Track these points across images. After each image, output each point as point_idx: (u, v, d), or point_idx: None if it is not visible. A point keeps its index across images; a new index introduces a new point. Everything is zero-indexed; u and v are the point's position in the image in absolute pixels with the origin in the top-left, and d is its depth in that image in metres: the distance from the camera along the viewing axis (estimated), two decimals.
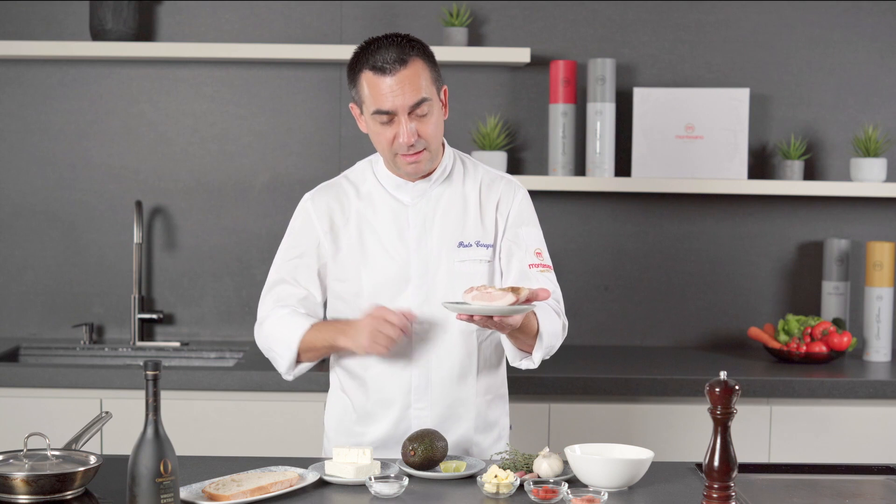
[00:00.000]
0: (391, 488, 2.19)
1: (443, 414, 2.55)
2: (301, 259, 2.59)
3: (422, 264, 2.53)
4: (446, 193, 2.58)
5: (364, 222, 2.56)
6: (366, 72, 2.44)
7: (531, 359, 2.51)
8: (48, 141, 3.86)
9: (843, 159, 3.91)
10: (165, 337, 3.88)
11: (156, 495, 1.92)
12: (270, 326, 2.57)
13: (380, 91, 2.43)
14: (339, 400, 2.64)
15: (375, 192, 2.58)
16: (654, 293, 3.92)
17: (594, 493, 2.14)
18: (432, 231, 2.55)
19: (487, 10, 3.86)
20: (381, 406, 2.56)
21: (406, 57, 2.42)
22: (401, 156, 2.48)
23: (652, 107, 3.77)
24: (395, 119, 2.44)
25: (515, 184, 2.63)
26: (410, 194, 2.56)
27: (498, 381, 2.64)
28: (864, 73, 3.90)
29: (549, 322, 2.48)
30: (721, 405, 2.06)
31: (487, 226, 2.57)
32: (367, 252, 2.55)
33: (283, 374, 2.59)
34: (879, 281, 3.70)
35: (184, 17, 3.85)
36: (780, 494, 2.30)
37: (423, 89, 2.45)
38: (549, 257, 2.60)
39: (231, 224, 3.88)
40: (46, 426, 2.78)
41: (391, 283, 2.53)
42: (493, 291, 2.28)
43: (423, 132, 2.46)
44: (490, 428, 2.61)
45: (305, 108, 3.87)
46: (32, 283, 3.87)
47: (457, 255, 2.54)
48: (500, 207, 2.59)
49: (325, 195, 2.60)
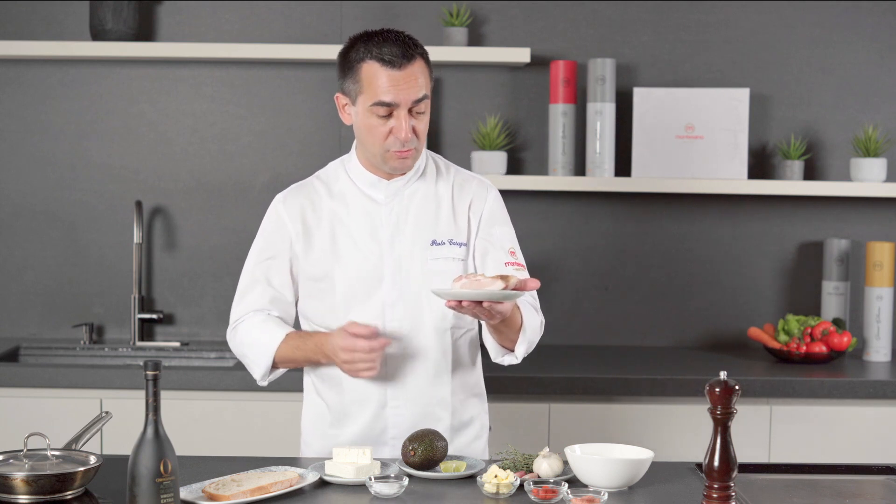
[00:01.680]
0: (391, 488, 2.19)
1: (420, 412, 2.55)
2: (273, 260, 2.58)
3: (395, 262, 2.53)
4: (419, 192, 2.57)
5: (337, 221, 2.56)
6: (370, 62, 2.42)
7: (514, 354, 2.52)
8: (48, 141, 3.85)
9: (843, 159, 3.91)
10: (165, 337, 3.88)
11: (156, 495, 1.92)
12: (245, 333, 2.57)
13: (385, 83, 2.41)
14: (314, 403, 2.63)
15: (348, 190, 2.58)
16: (654, 293, 3.91)
17: (594, 493, 2.14)
18: (405, 229, 2.55)
19: (487, 10, 3.86)
20: (356, 405, 2.56)
21: (412, 53, 2.43)
22: (392, 151, 2.47)
23: (652, 107, 3.77)
24: (394, 113, 2.43)
25: (487, 184, 2.64)
26: (384, 192, 2.56)
27: (473, 380, 2.63)
28: (864, 73, 3.90)
29: (530, 317, 2.49)
30: (721, 405, 2.06)
31: (460, 224, 2.57)
32: (340, 251, 2.54)
33: (258, 381, 2.60)
34: (879, 281, 3.70)
35: (184, 17, 3.85)
36: (780, 494, 2.30)
37: (425, 87, 2.45)
38: (522, 256, 2.61)
39: (231, 224, 3.88)
40: (46, 426, 2.78)
41: (365, 281, 2.53)
42: (483, 279, 2.28)
43: (418, 130, 2.46)
44: (466, 426, 2.60)
45: (305, 108, 3.87)
46: (32, 283, 3.87)
47: (430, 252, 2.54)
48: (472, 207, 2.59)
49: (297, 195, 2.60)
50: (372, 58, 2.42)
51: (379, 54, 2.41)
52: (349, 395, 2.56)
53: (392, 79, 2.41)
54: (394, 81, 2.41)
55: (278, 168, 3.87)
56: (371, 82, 2.43)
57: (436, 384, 2.56)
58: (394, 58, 2.41)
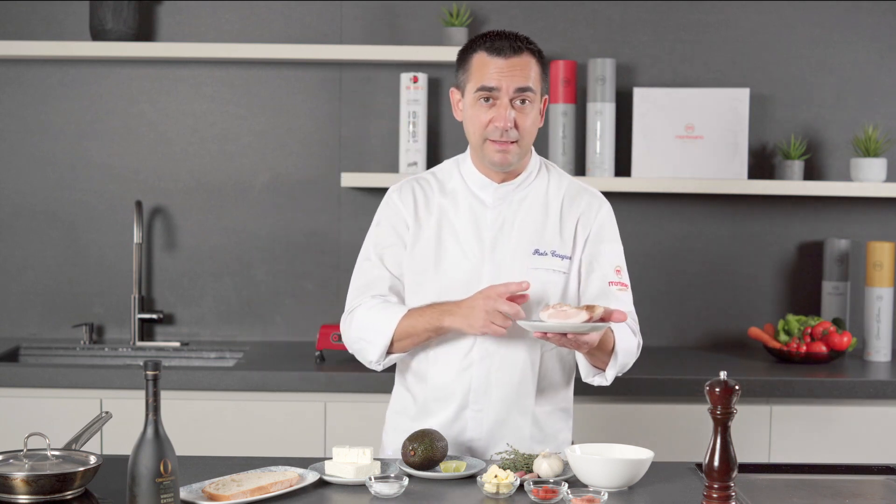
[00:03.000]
0: (391, 488, 2.19)
1: (499, 419, 2.54)
2: (390, 248, 2.58)
3: (494, 267, 2.52)
4: (528, 198, 2.57)
5: (444, 218, 2.57)
6: (480, 52, 2.49)
7: (604, 376, 2.52)
8: (48, 141, 3.85)
9: (843, 159, 3.91)
10: (165, 337, 3.88)
11: (156, 495, 1.92)
12: (362, 315, 2.54)
13: (489, 69, 2.47)
14: (401, 396, 2.64)
15: (459, 190, 2.59)
16: (654, 293, 3.91)
17: (594, 493, 2.14)
18: (510, 234, 2.54)
19: (487, 10, 3.86)
20: (438, 403, 2.55)
21: (521, 46, 2.49)
22: (490, 142, 2.48)
23: (652, 107, 3.77)
24: (497, 102, 2.47)
25: (601, 198, 2.62)
26: (493, 195, 2.56)
27: (561, 395, 2.62)
28: (864, 73, 3.90)
29: (624, 340, 2.48)
30: (721, 405, 2.06)
31: (566, 237, 2.56)
32: (444, 248, 2.55)
33: (373, 363, 2.55)
34: (879, 281, 3.70)
35: (184, 17, 3.85)
36: (780, 494, 2.30)
37: (531, 80, 2.48)
38: (627, 276, 2.60)
39: (231, 224, 3.88)
40: (46, 426, 2.78)
41: (462, 282, 2.52)
42: (569, 309, 2.30)
43: (520, 123, 2.48)
44: (548, 440, 2.59)
45: (305, 108, 3.87)
46: (32, 283, 3.87)
47: (531, 262, 2.53)
48: (582, 220, 2.58)
49: (411, 187, 2.62)
50: (482, 48, 2.50)
51: (489, 45, 2.49)
52: (433, 392, 2.56)
53: (497, 66, 2.47)
54: (498, 68, 2.47)
55: (278, 168, 3.87)
56: (478, 70, 2.49)
57: (520, 394, 2.54)
58: (501, 48, 2.47)
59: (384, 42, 3.82)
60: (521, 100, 2.47)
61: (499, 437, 2.54)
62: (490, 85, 2.46)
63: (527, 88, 2.47)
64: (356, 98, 3.86)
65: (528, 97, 2.48)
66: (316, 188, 3.85)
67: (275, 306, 3.87)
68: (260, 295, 3.88)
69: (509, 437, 2.54)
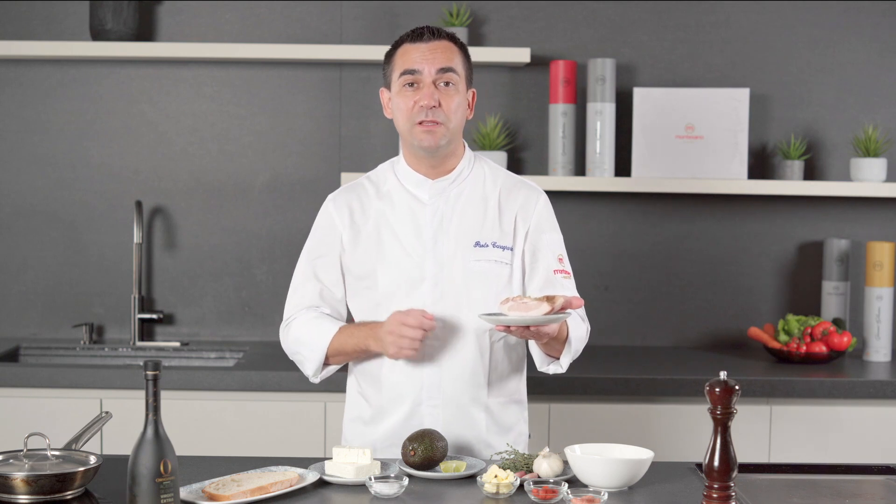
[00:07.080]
0: (391, 488, 2.19)
1: (455, 413, 2.56)
2: (323, 258, 2.62)
3: (437, 262, 2.55)
4: (465, 193, 2.60)
5: (382, 220, 2.59)
6: (404, 45, 2.55)
7: (559, 363, 2.57)
8: (48, 141, 3.85)
9: (843, 159, 3.91)
10: (165, 337, 3.88)
11: (156, 495, 1.92)
12: (297, 329, 2.61)
13: (412, 55, 2.52)
14: (356, 403, 2.66)
15: (395, 190, 2.61)
16: (654, 293, 3.91)
17: (594, 493, 2.14)
18: (449, 229, 2.57)
19: (487, 10, 3.86)
20: (393, 403, 2.57)
21: (441, 32, 2.55)
22: (417, 124, 2.51)
23: (652, 107, 3.77)
24: (420, 83, 2.51)
25: (538, 190, 2.65)
26: (429, 192, 2.59)
27: (513, 386, 2.64)
28: (864, 73, 3.90)
29: (576, 328, 2.53)
30: (721, 405, 2.06)
31: (506, 229, 2.59)
32: (385, 248, 2.57)
33: (310, 377, 2.62)
34: (879, 281, 3.70)
35: (184, 17, 3.85)
36: (780, 494, 2.30)
37: (453, 62, 2.53)
38: (569, 264, 2.64)
39: (231, 224, 3.88)
40: (46, 426, 2.78)
41: (406, 281, 2.55)
42: (529, 301, 2.32)
43: (444, 103, 2.51)
44: (504, 431, 2.61)
45: (305, 108, 3.87)
46: (32, 283, 3.87)
47: (473, 254, 2.56)
48: (521, 213, 2.60)
49: (346, 195, 2.65)
50: (405, 42, 2.56)
51: (410, 36, 2.56)
52: (387, 393, 2.58)
53: (419, 50, 2.52)
54: (420, 52, 2.52)
55: (278, 168, 3.87)
56: (401, 58, 2.54)
57: (472, 385, 2.56)
58: (422, 33, 2.54)
59: (384, 42, 3.82)
60: (445, 81, 2.52)
61: (456, 431, 2.55)
62: (412, 67, 2.51)
63: (449, 69, 2.51)
64: (356, 98, 3.86)
65: (451, 79, 2.52)
66: (316, 188, 3.85)
67: (275, 306, 3.87)
68: (260, 295, 3.88)
69: (466, 430, 2.56)
